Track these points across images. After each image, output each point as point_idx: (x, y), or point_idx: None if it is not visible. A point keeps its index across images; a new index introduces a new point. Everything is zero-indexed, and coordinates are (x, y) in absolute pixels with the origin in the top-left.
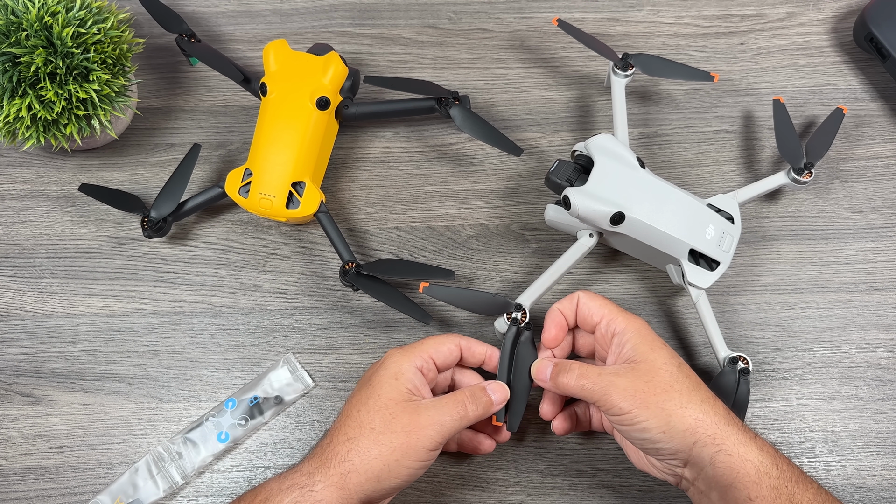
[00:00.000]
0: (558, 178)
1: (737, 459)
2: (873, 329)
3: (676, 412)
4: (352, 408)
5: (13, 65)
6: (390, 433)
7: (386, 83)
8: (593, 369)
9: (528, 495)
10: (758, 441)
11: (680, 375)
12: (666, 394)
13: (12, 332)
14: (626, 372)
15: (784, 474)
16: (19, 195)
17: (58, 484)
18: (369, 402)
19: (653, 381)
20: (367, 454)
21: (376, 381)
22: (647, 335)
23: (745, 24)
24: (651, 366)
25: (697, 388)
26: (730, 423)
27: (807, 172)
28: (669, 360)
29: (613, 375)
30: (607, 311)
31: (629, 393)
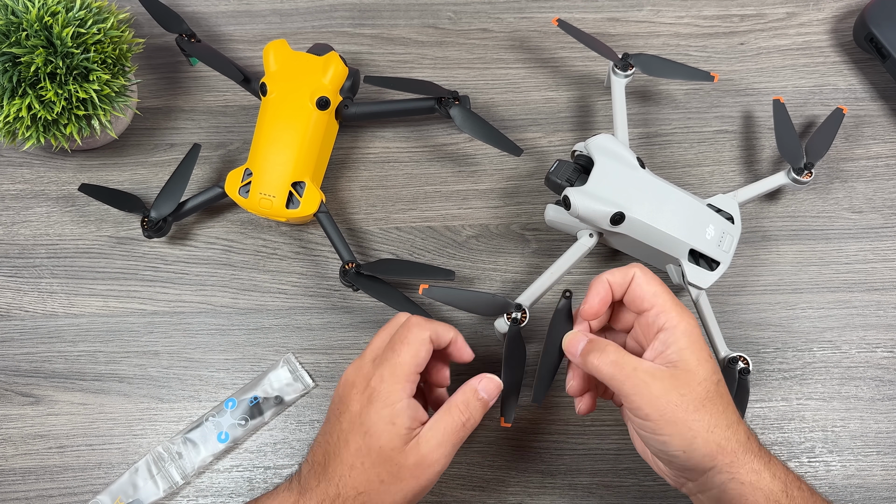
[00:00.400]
0: (558, 178)
1: (748, 488)
2: (873, 329)
3: (702, 435)
4: (354, 458)
5: (13, 65)
6: (400, 482)
7: (386, 83)
8: (629, 360)
9: (528, 495)
10: (772, 467)
11: (716, 394)
12: (697, 412)
13: (12, 332)
14: (664, 376)
15: (793, 502)
16: (19, 195)
17: (58, 484)
18: (371, 454)
19: (688, 394)
20: (378, 501)
21: (374, 429)
22: (696, 341)
23: (745, 24)
24: (691, 378)
25: (727, 409)
26: (748, 449)
27: (807, 172)
28: (710, 375)
29: (649, 376)
30: (661, 301)
31: (661, 402)
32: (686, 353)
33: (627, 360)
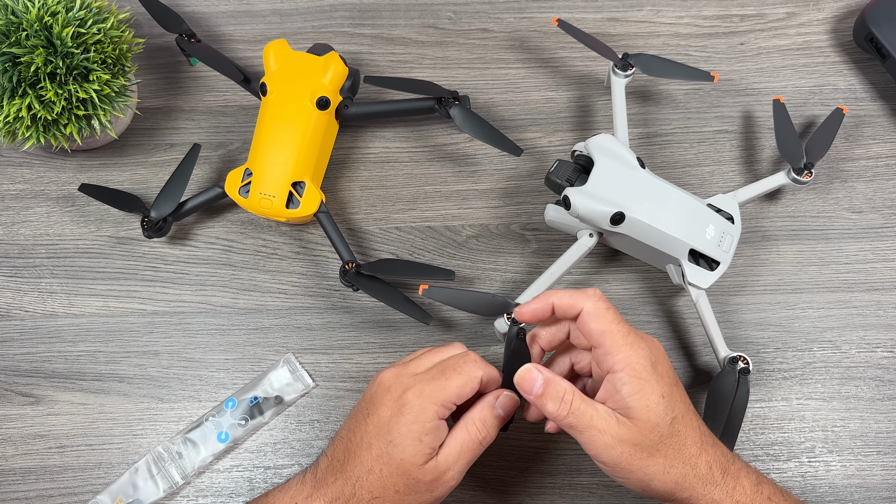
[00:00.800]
0: (558, 178)
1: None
2: (873, 329)
3: (658, 477)
4: (373, 462)
5: (13, 65)
6: (415, 494)
7: (386, 83)
8: (585, 410)
9: (528, 495)
10: (735, 493)
11: (670, 435)
12: (651, 458)
13: (12, 332)
14: (616, 427)
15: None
16: (19, 195)
17: (58, 484)
18: (392, 463)
19: (641, 443)
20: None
21: (399, 440)
22: (644, 384)
23: (745, 24)
24: (642, 425)
25: (685, 445)
26: (708, 481)
27: (807, 172)
28: (662, 419)
29: (602, 428)
30: (608, 341)
31: (614, 453)
32: (634, 399)
33: (583, 410)
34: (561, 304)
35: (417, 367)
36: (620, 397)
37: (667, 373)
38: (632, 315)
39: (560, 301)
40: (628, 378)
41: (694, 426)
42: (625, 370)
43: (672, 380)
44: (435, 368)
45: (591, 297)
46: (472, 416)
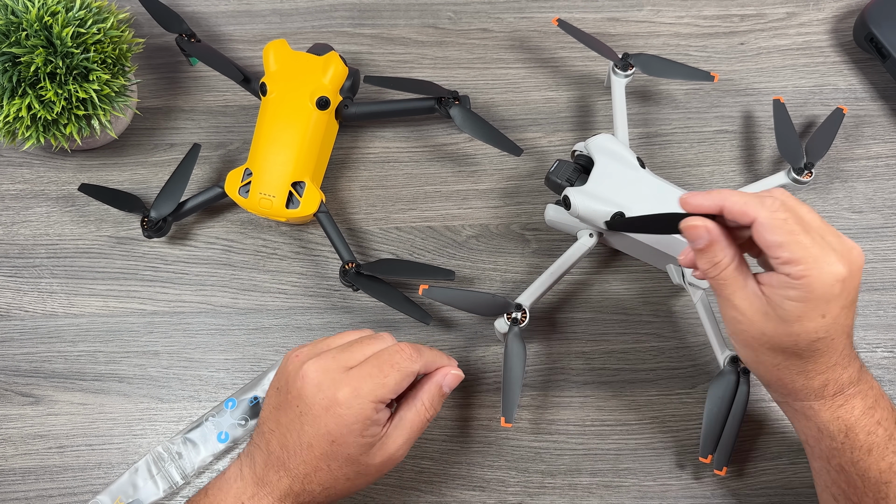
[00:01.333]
0: (558, 178)
1: (799, 416)
2: (873, 329)
3: (768, 366)
4: (318, 460)
5: (13, 65)
6: (366, 476)
7: (386, 83)
8: (735, 281)
9: (528, 495)
10: (838, 410)
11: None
12: (773, 352)
13: (12, 332)
14: (760, 311)
15: (854, 443)
16: (19, 195)
17: (58, 484)
18: (338, 458)
19: (774, 337)
20: (344, 493)
21: (342, 440)
22: (815, 300)
23: (745, 24)
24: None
25: (814, 361)
26: (816, 394)
27: (807, 172)
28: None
29: (746, 303)
30: (785, 253)
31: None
32: (792, 306)
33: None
34: (732, 209)
35: (349, 359)
36: (781, 295)
37: (849, 292)
38: (632, 315)
39: (732, 206)
40: (799, 286)
41: (837, 349)
42: (801, 280)
43: (849, 300)
44: (369, 363)
45: (767, 205)
46: (420, 396)
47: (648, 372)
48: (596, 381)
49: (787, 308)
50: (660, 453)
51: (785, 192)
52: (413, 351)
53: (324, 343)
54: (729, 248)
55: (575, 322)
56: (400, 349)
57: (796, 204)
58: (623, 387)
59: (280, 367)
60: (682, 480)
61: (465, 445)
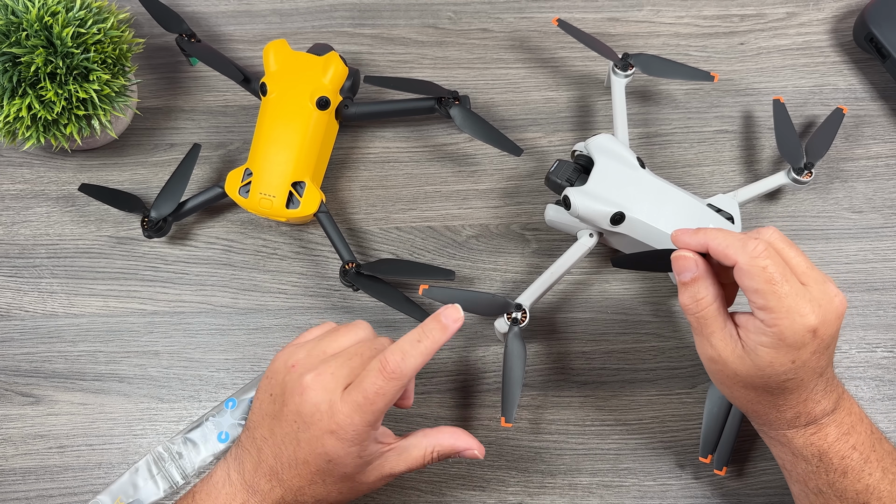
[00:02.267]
0: (558, 178)
1: (774, 442)
2: (873, 329)
3: (741, 401)
4: (313, 475)
5: (13, 65)
6: (359, 492)
7: (386, 83)
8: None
9: (528, 495)
10: (811, 437)
11: (779, 389)
12: (745, 389)
13: (12, 332)
14: (732, 351)
15: (828, 466)
16: (19, 195)
17: (58, 484)
18: (333, 475)
19: (746, 377)
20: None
21: (339, 460)
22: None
23: (745, 24)
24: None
25: (784, 399)
26: (788, 425)
27: (807, 172)
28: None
29: (722, 343)
30: (760, 300)
31: (716, 366)
32: (764, 351)
33: (710, 321)
34: (716, 249)
35: (348, 374)
36: (754, 340)
37: (822, 339)
38: (632, 315)
39: (716, 246)
40: (771, 335)
41: (808, 387)
42: (771, 329)
43: (821, 347)
44: (356, 390)
45: (749, 250)
46: (434, 445)
47: (648, 372)
48: (596, 381)
49: (759, 353)
50: (660, 453)
51: (775, 231)
52: (398, 371)
53: (317, 348)
54: (712, 287)
55: (575, 322)
56: (387, 374)
57: (784, 246)
58: (623, 387)
59: (272, 372)
60: (682, 480)
61: None
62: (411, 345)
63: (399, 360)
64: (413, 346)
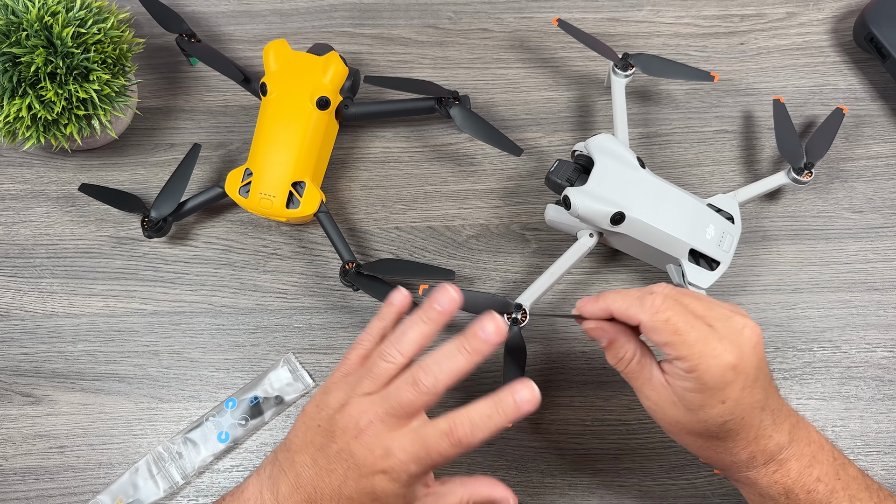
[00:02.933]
0: (558, 178)
1: (740, 485)
2: (873, 329)
3: (693, 448)
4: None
5: (13, 65)
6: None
7: (386, 83)
8: (641, 374)
9: (529, 495)
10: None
11: (721, 433)
12: (691, 436)
13: (12, 332)
14: (668, 399)
15: (795, 502)
16: (19, 195)
17: (58, 484)
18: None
19: (687, 425)
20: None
21: (385, 499)
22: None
23: (745, 24)
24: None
25: (731, 442)
26: (747, 466)
27: (807, 172)
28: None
29: (655, 394)
30: (673, 352)
31: (658, 415)
32: (691, 396)
33: (639, 375)
34: (619, 314)
35: (406, 411)
36: (680, 388)
37: (744, 374)
38: None
39: (617, 311)
40: (692, 380)
41: (752, 425)
42: (692, 374)
43: (748, 381)
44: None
45: (647, 307)
46: (466, 492)
47: None
48: (596, 381)
49: (688, 399)
50: (660, 453)
51: (665, 285)
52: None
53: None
54: (630, 343)
55: (575, 322)
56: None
57: (679, 294)
58: (623, 387)
59: (323, 405)
60: (682, 480)
61: None
62: (482, 419)
63: (468, 433)
64: (483, 420)
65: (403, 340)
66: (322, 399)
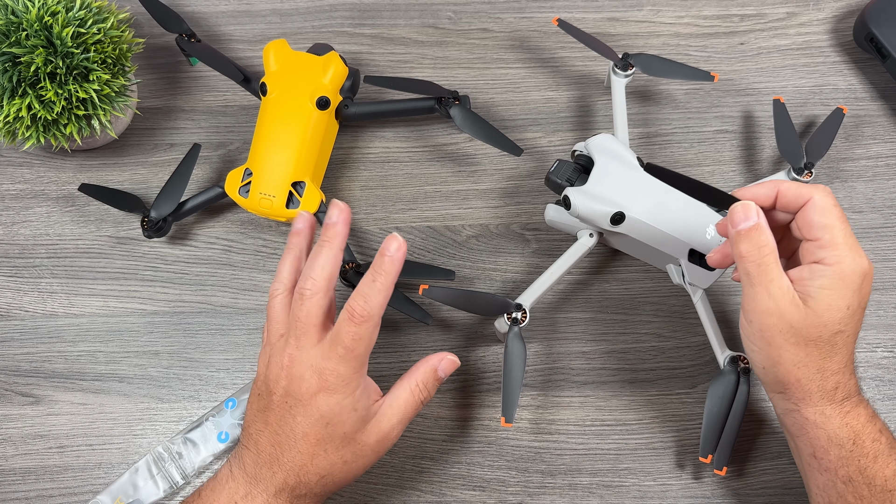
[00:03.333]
0: (558, 178)
1: (811, 425)
2: (873, 329)
3: (787, 365)
4: (315, 448)
5: (13, 65)
6: (363, 458)
7: (386, 83)
8: (773, 269)
9: (528, 495)
10: (848, 418)
11: (827, 342)
12: (795, 347)
13: (12, 332)
14: (790, 301)
15: (861, 450)
16: (19, 195)
17: (58, 484)
18: (335, 440)
19: (801, 329)
20: (341, 481)
21: (336, 419)
22: (844, 286)
23: (745, 23)
24: (811, 319)
25: (830, 357)
26: (829, 398)
27: (807, 172)
28: (833, 324)
29: (780, 291)
30: (829, 236)
31: (770, 320)
32: (823, 294)
33: (770, 269)
34: (787, 192)
35: (316, 340)
36: (811, 285)
37: (866, 292)
38: (632, 315)
39: (787, 189)
40: (830, 274)
41: (850, 349)
42: (832, 266)
43: (865, 301)
44: (334, 341)
45: (820, 190)
46: (414, 377)
47: (648, 372)
48: (596, 381)
49: (817, 297)
50: (660, 453)
51: (829, 189)
52: (366, 313)
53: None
54: (771, 236)
55: (575, 322)
56: (357, 318)
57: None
58: (623, 387)
59: (256, 378)
60: (682, 480)
61: (465, 445)
62: (369, 286)
63: (363, 304)
64: (371, 286)
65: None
66: (255, 379)
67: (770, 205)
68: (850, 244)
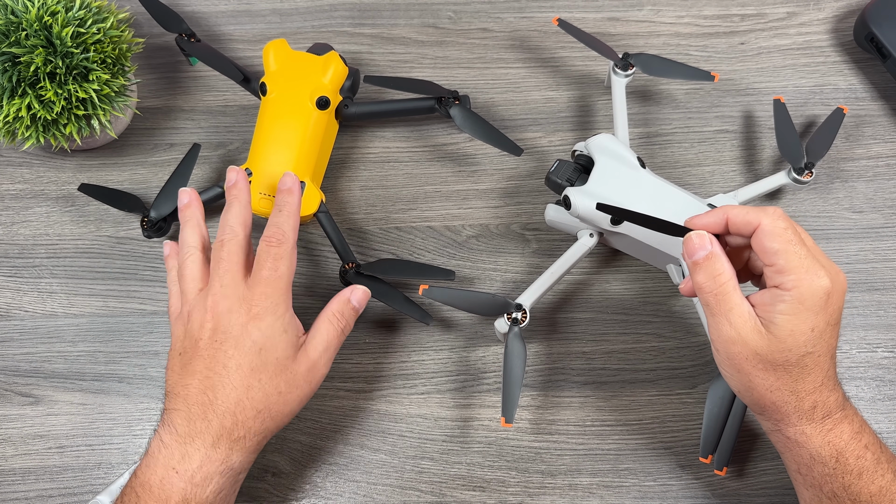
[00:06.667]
0: (558, 178)
1: (792, 443)
2: (873, 329)
3: (760, 390)
4: (250, 379)
5: (13, 65)
6: (296, 388)
7: (386, 83)
8: (731, 297)
9: (528, 495)
10: (829, 436)
11: (796, 365)
12: (764, 372)
13: (12, 332)
14: (752, 328)
15: (844, 467)
16: (19, 195)
17: (58, 484)
18: (268, 368)
19: (766, 355)
20: (278, 416)
21: (268, 343)
22: (805, 310)
23: (745, 23)
24: (777, 344)
25: (802, 378)
26: (807, 417)
27: (807, 172)
28: (797, 348)
29: (740, 320)
30: (782, 262)
31: (735, 348)
32: (783, 319)
33: (729, 297)
34: (736, 219)
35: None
36: (772, 310)
37: (834, 309)
38: (632, 315)
39: (735, 216)
40: (790, 299)
41: (823, 368)
42: (791, 291)
43: (834, 318)
44: (256, 269)
45: (769, 213)
46: (330, 308)
47: (648, 372)
48: (596, 381)
49: (778, 322)
50: (660, 453)
51: (780, 210)
52: (280, 236)
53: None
54: (727, 264)
55: (575, 322)
56: (275, 240)
57: (792, 222)
58: (623, 387)
59: (173, 339)
60: (682, 480)
61: (465, 445)
62: (276, 216)
63: (276, 230)
64: (278, 216)
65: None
66: (177, 336)
67: (723, 231)
68: (806, 266)
